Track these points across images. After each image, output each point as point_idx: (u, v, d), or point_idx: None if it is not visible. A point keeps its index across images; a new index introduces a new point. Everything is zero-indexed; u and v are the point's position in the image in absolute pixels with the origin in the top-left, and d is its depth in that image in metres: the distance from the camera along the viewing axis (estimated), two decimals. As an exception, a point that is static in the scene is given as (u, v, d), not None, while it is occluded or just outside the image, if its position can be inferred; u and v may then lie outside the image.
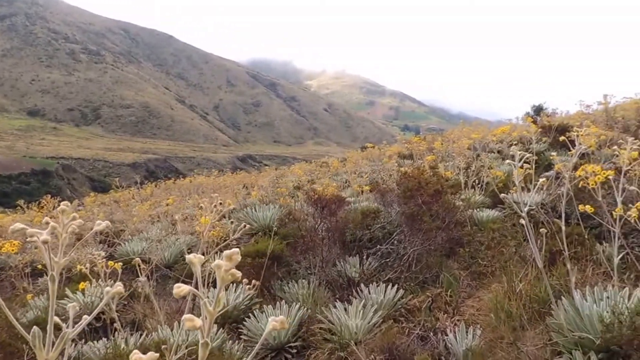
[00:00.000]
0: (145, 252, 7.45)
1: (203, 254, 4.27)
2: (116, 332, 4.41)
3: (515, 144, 12.10)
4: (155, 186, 19.46)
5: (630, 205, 3.50)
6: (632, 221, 3.17)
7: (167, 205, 12.29)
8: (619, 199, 3.51)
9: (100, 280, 4.59)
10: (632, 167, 4.07)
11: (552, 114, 17.48)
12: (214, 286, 4.57)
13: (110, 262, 4.55)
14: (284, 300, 5.03)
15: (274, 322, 1.26)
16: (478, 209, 7.09)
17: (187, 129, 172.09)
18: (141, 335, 4.60)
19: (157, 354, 1.17)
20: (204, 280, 4.43)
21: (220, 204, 3.42)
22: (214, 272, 1.25)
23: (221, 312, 4.42)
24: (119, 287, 1.63)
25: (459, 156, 10.20)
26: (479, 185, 8.63)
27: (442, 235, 5.30)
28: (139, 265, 4.15)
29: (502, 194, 3.49)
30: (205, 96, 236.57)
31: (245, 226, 4.09)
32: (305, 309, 4.77)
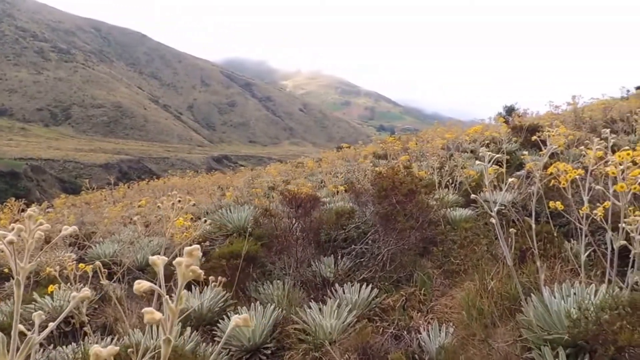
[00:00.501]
0: (117, 255, 7.33)
1: (176, 256, 4.21)
2: (86, 337, 4.32)
3: (487, 144, 12.32)
4: (128, 187, 19.20)
5: (597, 204, 3.60)
6: (598, 219, 3.25)
7: (140, 206, 12.11)
8: (585, 198, 3.60)
9: (69, 283, 4.49)
10: (598, 167, 4.18)
11: (523, 114, 17.85)
12: (188, 289, 4.51)
13: (81, 265, 4.45)
14: (258, 302, 5.00)
15: (237, 319, 1.26)
16: (451, 208, 7.18)
17: (161, 129, 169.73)
18: (112, 339, 4.53)
19: (117, 348, 1.16)
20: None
21: (179, 201, 3.36)
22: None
23: (195, 314, 4.36)
24: (85, 291, 1.60)
25: (433, 156, 10.33)
26: (453, 185, 8.75)
27: (416, 234, 5.35)
28: (100, 269, 4.06)
29: (473, 194, 3.53)
30: (179, 96, 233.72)
31: (206, 221, 4.03)
32: (280, 309, 4.76)
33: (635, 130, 9.90)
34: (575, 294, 3.29)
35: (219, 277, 3.98)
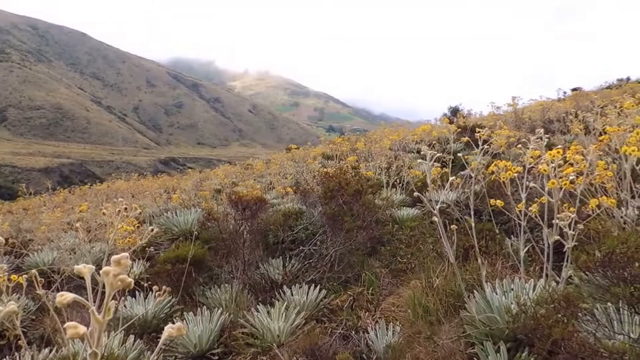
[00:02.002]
0: (57, 263, 7.01)
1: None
2: (22, 350, 4.08)
3: (432, 144, 12.63)
4: (69, 192, 18.47)
5: (535, 201, 3.73)
6: (533, 216, 3.37)
7: (82, 212, 11.61)
8: (523, 195, 3.72)
9: (1, 295, 4.23)
10: (535, 165, 4.34)
11: (468, 114, 18.44)
12: (132, 295, 4.33)
13: (13, 276, 4.19)
14: (205, 306, 4.90)
15: (170, 329, 1.21)
16: (399, 208, 7.30)
17: (105, 132, 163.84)
18: (51, 350, 4.32)
19: None
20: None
21: (126, 208, 3.23)
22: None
23: (140, 322, 4.19)
24: (12, 306, 1.50)
25: (381, 156, 10.47)
26: (400, 185, 8.89)
27: (363, 234, 5.38)
28: (36, 278, 3.84)
29: (415, 193, 3.59)
30: (123, 97, 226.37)
31: (152, 230, 3.90)
32: (228, 314, 4.67)
33: (570, 130, 10.37)
34: (513, 289, 3.39)
35: (164, 286, 3.85)
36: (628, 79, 28.96)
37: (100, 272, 1.17)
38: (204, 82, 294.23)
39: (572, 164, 3.56)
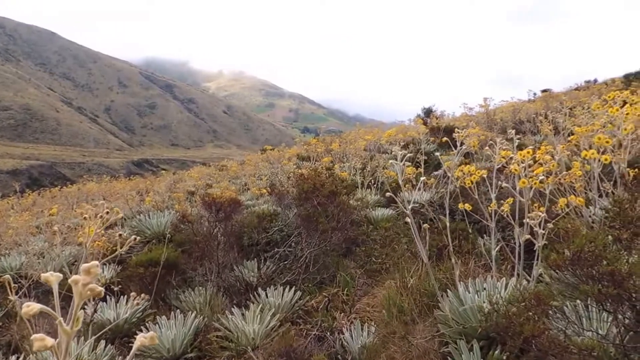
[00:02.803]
0: (25, 267, 6.82)
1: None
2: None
3: (406, 145, 12.73)
4: (39, 194, 18.03)
5: (507, 200, 3.79)
6: (504, 215, 3.42)
7: (51, 215, 11.33)
8: (493, 195, 3.77)
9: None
10: (506, 165, 4.41)
11: (441, 115, 18.67)
12: (103, 300, 4.22)
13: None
14: (179, 310, 4.82)
15: (142, 338, 1.18)
16: (373, 208, 7.33)
17: (75, 133, 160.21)
18: (18, 358, 4.20)
19: None
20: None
21: (107, 212, 3.16)
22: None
23: (111, 327, 4.08)
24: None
25: (356, 157, 10.50)
26: (375, 185, 8.94)
27: (338, 235, 5.38)
28: (10, 284, 3.73)
29: (388, 193, 3.60)
30: (94, 98, 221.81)
31: (135, 239, 3.83)
32: (202, 317, 4.62)
33: (540, 130, 10.58)
34: (485, 288, 3.44)
35: (137, 291, 3.78)
36: (595, 80, 29.76)
37: (69, 281, 1.13)
38: (178, 82, 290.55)
39: (542, 164, 3.63)
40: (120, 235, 4.20)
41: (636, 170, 4.08)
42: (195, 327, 4.46)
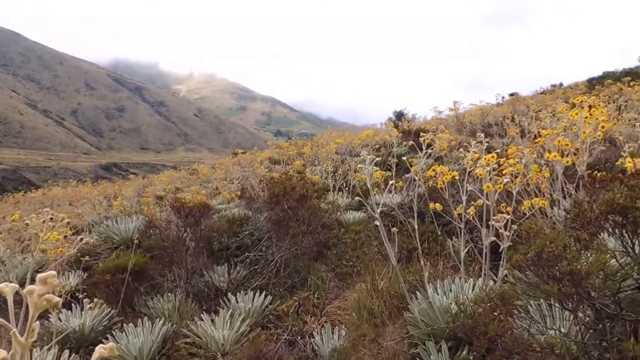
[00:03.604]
0: (-16, 276, 6.58)
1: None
2: None
3: (378, 148, 12.83)
4: (1, 200, 17.50)
5: (473, 203, 3.86)
6: (471, 218, 3.48)
7: (13, 221, 10.96)
8: (464, 198, 3.84)
9: None
10: (475, 168, 4.49)
11: (412, 119, 18.88)
12: (68, 308, 4.10)
13: None
14: (147, 317, 4.74)
15: (101, 349, 1.15)
16: (345, 212, 7.36)
17: (40, 136, 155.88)
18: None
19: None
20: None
21: (51, 218, 3.08)
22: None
23: (76, 335, 3.98)
24: None
25: (327, 160, 10.53)
26: (347, 188, 8.97)
27: (309, 239, 5.39)
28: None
29: (357, 197, 3.63)
30: (61, 100, 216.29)
31: (82, 240, 3.75)
32: (170, 324, 4.55)
33: (508, 133, 10.80)
34: (450, 290, 3.49)
35: (99, 298, 3.70)
36: (561, 84, 30.64)
37: (24, 291, 1.10)
38: (148, 85, 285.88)
39: (508, 167, 3.71)
40: (81, 240, 4.11)
41: (597, 172, 4.21)
42: (164, 334, 4.39)
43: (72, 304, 5.01)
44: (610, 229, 2.30)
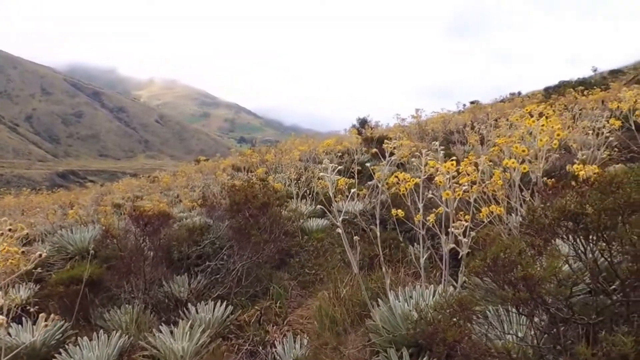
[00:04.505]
0: None
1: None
2: None
3: (342, 155, 12.89)
4: (-53, 210, 16.61)
5: (434, 210, 3.91)
6: (431, 225, 3.52)
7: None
8: (420, 205, 3.88)
9: None
10: (434, 175, 4.55)
11: (375, 126, 19.08)
12: (19, 322, 3.92)
13: None
14: (103, 330, 4.59)
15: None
16: (309, 219, 7.34)
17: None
18: None
19: None
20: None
21: (10, 229, 2.94)
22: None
23: (27, 350, 3.81)
24: None
25: (291, 167, 10.50)
26: (310, 196, 8.96)
27: (271, 247, 5.34)
28: None
29: (318, 205, 3.62)
30: (14, 105, 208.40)
31: (40, 256, 3.60)
32: (128, 336, 4.42)
33: (468, 141, 11.04)
34: (411, 297, 3.52)
35: (52, 311, 3.55)
36: (519, 93, 31.72)
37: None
38: (106, 90, 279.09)
39: (467, 174, 3.78)
40: (40, 256, 3.94)
41: (553, 179, 4.34)
42: (120, 347, 4.25)
43: (23, 318, 4.81)
44: (563, 235, 2.37)
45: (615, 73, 29.08)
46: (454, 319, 2.42)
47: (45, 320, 2.38)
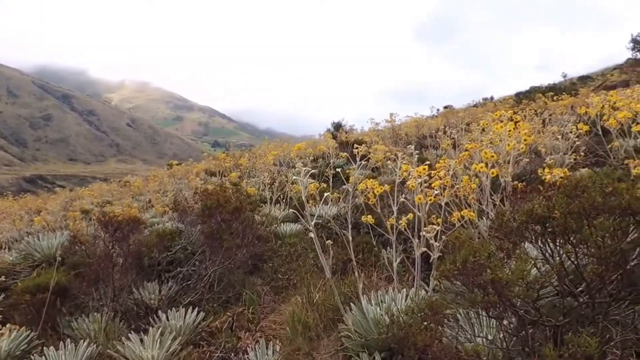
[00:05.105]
0: None
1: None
2: None
3: (316, 159, 12.89)
4: None
5: (406, 215, 3.93)
6: (403, 229, 3.54)
7: None
8: (395, 209, 3.91)
9: None
10: (407, 179, 4.58)
11: (350, 130, 19.15)
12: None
13: None
14: (71, 339, 4.46)
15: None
16: (282, 224, 7.30)
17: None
18: None
19: None
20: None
21: None
22: None
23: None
24: None
25: (264, 172, 10.44)
26: (284, 200, 8.92)
27: (244, 252, 5.29)
28: None
29: (290, 209, 3.61)
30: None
31: None
32: (96, 345, 4.30)
33: (440, 145, 11.17)
34: (383, 301, 3.52)
35: (21, 319, 3.44)
36: (492, 98, 32.33)
37: None
38: (76, 93, 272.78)
39: (438, 178, 3.82)
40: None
41: (523, 182, 4.42)
42: (88, 357, 4.14)
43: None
44: (531, 238, 2.41)
45: (584, 79, 29.92)
46: (425, 323, 2.43)
47: (10, 331, 2.30)
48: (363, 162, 4.60)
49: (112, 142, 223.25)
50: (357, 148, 4.43)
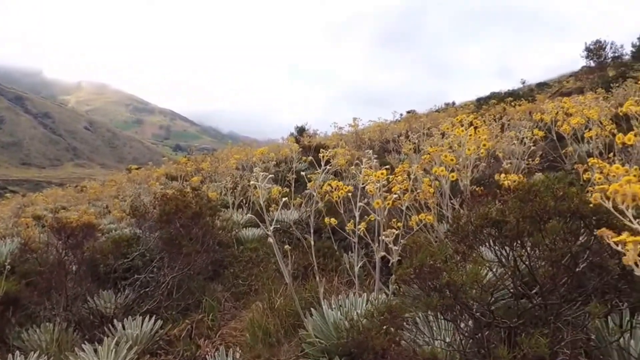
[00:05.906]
0: None
1: None
2: None
3: (278, 163, 12.84)
4: None
5: (366, 219, 3.96)
6: (362, 234, 3.56)
7: None
8: (356, 213, 3.92)
9: None
10: (368, 184, 4.61)
11: (313, 134, 19.17)
12: None
13: None
14: (20, 351, 4.27)
15: None
16: (244, 228, 7.22)
17: None
18: None
19: None
20: None
21: None
22: None
23: None
24: None
25: (227, 176, 10.33)
26: (247, 205, 8.84)
27: (204, 257, 5.20)
28: None
29: (248, 214, 3.57)
30: None
31: None
32: (47, 356, 4.13)
33: (403, 150, 11.30)
34: (342, 305, 3.53)
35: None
36: (453, 103, 32.98)
37: None
38: (30, 94, 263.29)
39: (398, 183, 3.86)
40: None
41: (481, 187, 4.53)
42: (39, 369, 3.97)
43: None
44: (487, 242, 2.46)
45: (542, 86, 30.82)
46: (384, 327, 2.44)
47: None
48: (327, 167, 4.60)
49: (69, 146, 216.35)
50: (322, 153, 4.43)
